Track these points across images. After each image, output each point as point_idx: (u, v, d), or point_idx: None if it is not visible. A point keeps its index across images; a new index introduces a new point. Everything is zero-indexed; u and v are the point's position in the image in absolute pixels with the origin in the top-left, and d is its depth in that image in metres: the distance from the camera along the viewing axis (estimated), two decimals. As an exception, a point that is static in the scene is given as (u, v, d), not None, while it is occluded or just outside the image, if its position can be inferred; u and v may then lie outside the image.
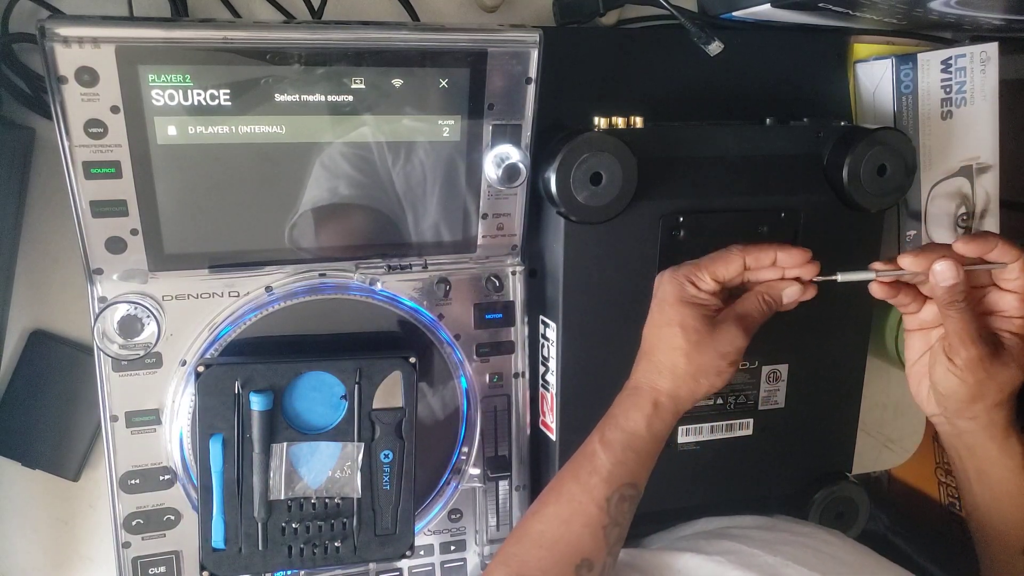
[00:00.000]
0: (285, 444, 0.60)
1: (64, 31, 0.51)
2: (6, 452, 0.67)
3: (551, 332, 0.68)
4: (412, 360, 0.62)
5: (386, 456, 0.62)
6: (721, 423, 0.72)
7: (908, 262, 0.59)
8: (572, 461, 0.59)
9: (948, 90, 0.78)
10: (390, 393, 0.61)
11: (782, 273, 0.60)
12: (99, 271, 0.58)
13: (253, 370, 0.59)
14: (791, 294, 0.60)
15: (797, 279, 0.60)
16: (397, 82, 0.58)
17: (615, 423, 0.58)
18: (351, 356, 0.61)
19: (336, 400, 0.61)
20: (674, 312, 0.58)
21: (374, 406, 0.61)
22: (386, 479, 0.62)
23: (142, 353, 0.60)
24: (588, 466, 0.57)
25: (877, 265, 0.60)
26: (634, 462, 0.57)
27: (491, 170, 0.62)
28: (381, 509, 0.62)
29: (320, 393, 0.61)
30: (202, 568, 0.60)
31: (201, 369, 0.58)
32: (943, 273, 0.56)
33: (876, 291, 0.61)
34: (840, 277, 0.60)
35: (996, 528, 0.63)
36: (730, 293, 0.61)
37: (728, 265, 0.59)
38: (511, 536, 0.59)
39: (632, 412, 0.58)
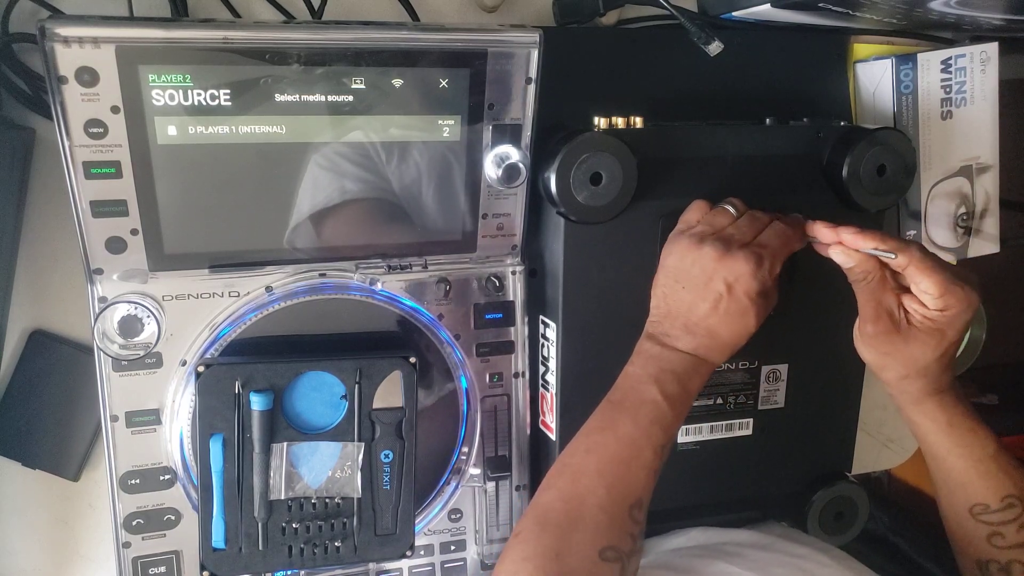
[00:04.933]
0: (285, 444, 0.60)
1: (64, 31, 0.51)
2: (6, 452, 0.67)
3: (551, 332, 0.68)
4: (412, 360, 0.62)
5: (386, 456, 0.62)
6: (721, 423, 0.72)
7: (821, 233, 0.62)
8: (626, 405, 0.59)
9: (948, 90, 0.78)
10: (390, 393, 0.61)
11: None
12: (99, 271, 0.58)
13: (253, 370, 0.59)
14: None
15: None
16: (397, 82, 0.58)
17: (676, 381, 0.59)
18: (351, 356, 0.61)
19: (336, 400, 0.61)
20: (755, 307, 0.59)
21: (374, 406, 0.61)
22: (386, 479, 0.62)
23: (142, 353, 0.60)
24: (650, 415, 0.57)
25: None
26: (682, 418, 0.59)
27: (491, 170, 0.62)
28: (381, 509, 0.62)
29: (320, 393, 0.61)
30: (202, 568, 0.60)
31: (201, 369, 0.58)
32: (837, 257, 0.61)
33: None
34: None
35: (942, 492, 0.65)
36: None
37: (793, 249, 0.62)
38: (561, 471, 0.57)
39: (695, 378, 0.59)
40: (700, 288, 0.59)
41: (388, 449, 0.62)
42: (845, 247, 0.60)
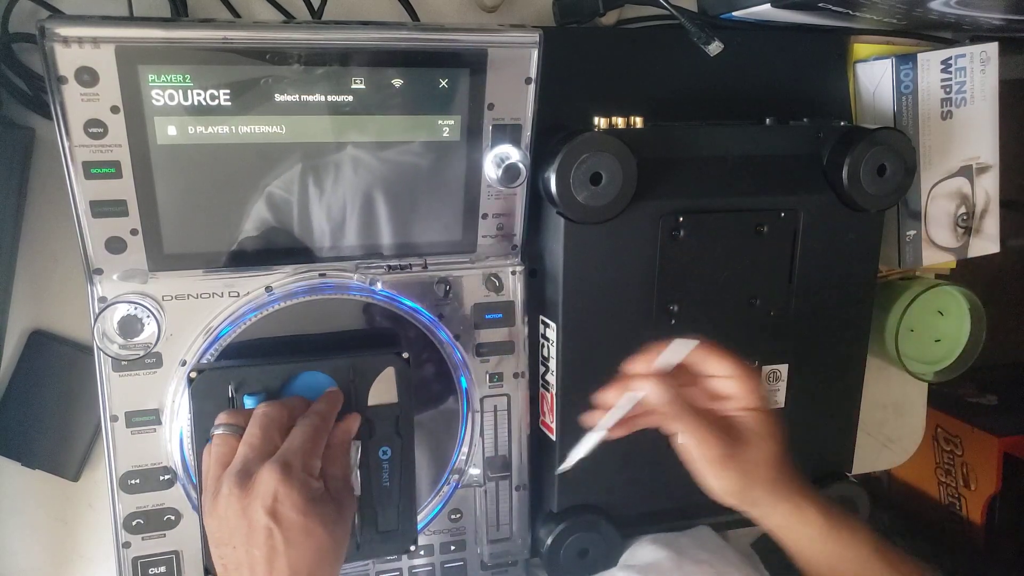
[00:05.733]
0: (285, 444, 0.60)
1: (64, 31, 0.51)
2: (6, 452, 0.67)
3: (551, 332, 0.68)
4: (405, 355, 0.61)
5: (384, 453, 0.61)
6: (721, 423, 0.72)
7: (611, 398, 0.59)
8: None
9: (948, 90, 0.78)
10: (385, 390, 0.61)
11: None
12: (99, 271, 0.58)
13: (246, 373, 0.58)
14: None
15: None
16: (397, 82, 0.58)
17: None
18: (343, 355, 0.61)
19: (334, 400, 0.61)
20: (317, 517, 0.51)
21: (369, 403, 0.61)
22: (385, 476, 0.62)
23: (142, 353, 0.60)
24: None
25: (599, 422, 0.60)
26: None
27: (491, 170, 0.62)
28: (383, 506, 0.62)
29: (315, 393, 0.60)
30: (206, 571, 0.59)
31: (193, 375, 0.58)
32: (617, 433, 0.59)
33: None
34: (563, 467, 0.61)
35: None
36: None
37: None
38: None
39: None
40: (247, 535, 0.49)
41: (386, 446, 0.61)
42: (641, 396, 0.57)
